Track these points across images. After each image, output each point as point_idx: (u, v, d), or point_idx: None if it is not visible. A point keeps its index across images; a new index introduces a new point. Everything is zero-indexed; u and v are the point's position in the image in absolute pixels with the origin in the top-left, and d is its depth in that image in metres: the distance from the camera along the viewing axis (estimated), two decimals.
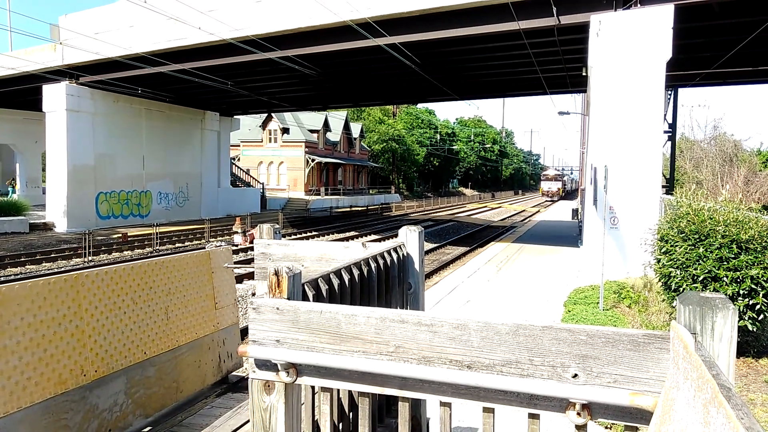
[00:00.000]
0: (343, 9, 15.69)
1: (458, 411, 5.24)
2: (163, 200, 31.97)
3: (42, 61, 24.77)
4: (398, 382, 1.92)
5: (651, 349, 1.60)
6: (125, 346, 3.50)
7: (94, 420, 3.22)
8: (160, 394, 3.77)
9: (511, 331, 1.73)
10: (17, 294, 2.84)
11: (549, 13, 13.67)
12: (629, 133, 12.39)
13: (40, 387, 2.91)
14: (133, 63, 21.74)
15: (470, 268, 15.64)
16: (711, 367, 1.23)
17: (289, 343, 1.98)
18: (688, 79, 20.93)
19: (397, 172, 74.22)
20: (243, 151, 54.69)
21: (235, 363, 4.66)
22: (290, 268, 2.07)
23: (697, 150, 37.48)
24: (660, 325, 8.97)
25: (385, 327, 1.88)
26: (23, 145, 37.13)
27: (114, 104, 27.88)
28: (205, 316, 4.31)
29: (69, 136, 25.76)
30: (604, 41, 12.58)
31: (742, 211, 7.60)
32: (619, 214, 12.35)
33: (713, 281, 6.92)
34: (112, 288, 3.45)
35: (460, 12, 14.85)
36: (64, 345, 3.08)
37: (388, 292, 3.27)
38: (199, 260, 4.32)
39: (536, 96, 28.92)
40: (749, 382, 6.59)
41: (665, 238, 7.85)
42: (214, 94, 28.84)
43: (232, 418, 3.68)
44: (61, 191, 25.98)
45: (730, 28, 15.17)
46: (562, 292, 11.89)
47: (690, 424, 1.20)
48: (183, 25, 19.01)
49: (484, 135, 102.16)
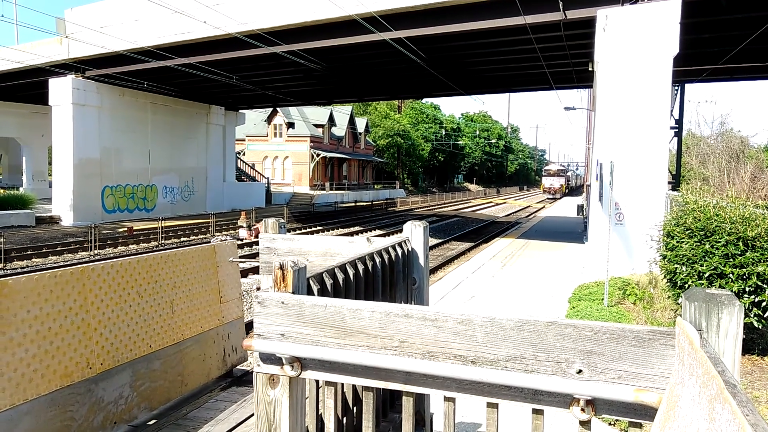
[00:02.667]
0: (348, 3, 15.65)
1: (462, 406, 5.25)
2: (169, 194, 32.05)
3: (48, 54, 24.83)
4: (402, 377, 1.92)
5: (656, 345, 1.59)
6: (131, 339, 3.51)
7: (99, 412, 3.24)
8: (165, 387, 3.78)
9: (515, 326, 1.73)
10: (24, 287, 2.86)
11: (555, 7, 13.61)
12: (635, 129, 12.34)
13: (47, 379, 2.93)
14: (139, 57, 21.77)
15: (475, 264, 15.63)
16: (716, 363, 1.22)
17: (294, 337, 1.98)
18: (695, 74, 20.82)
19: (402, 167, 74.15)
20: (248, 145, 54.72)
21: (240, 357, 4.68)
22: (295, 262, 2.07)
23: (703, 146, 37.27)
24: (665, 321, 8.95)
25: (389, 322, 1.88)
26: (29, 139, 37.28)
27: (120, 98, 27.93)
28: (210, 310, 4.33)
29: (75, 130, 25.84)
30: (610, 36, 12.52)
31: (748, 208, 7.57)
32: (625, 211, 12.32)
33: (719, 278, 6.90)
34: (117, 281, 3.46)
35: (466, 7, 14.81)
36: (70, 338, 3.09)
37: (393, 287, 3.27)
38: (205, 254, 4.33)
39: (542, 91, 28.81)
40: (754, 379, 6.57)
41: (671, 235, 7.82)
42: (220, 88, 28.86)
43: (236, 411, 3.69)
44: (67, 185, 26.08)
45: (738, 23, 15.07)
46: (567, 288, 11.87)
47: (695, 420, 1.20)
48: (188, 18, 19.01)
49: (489, 130, 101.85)
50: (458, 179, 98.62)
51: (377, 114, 69.45)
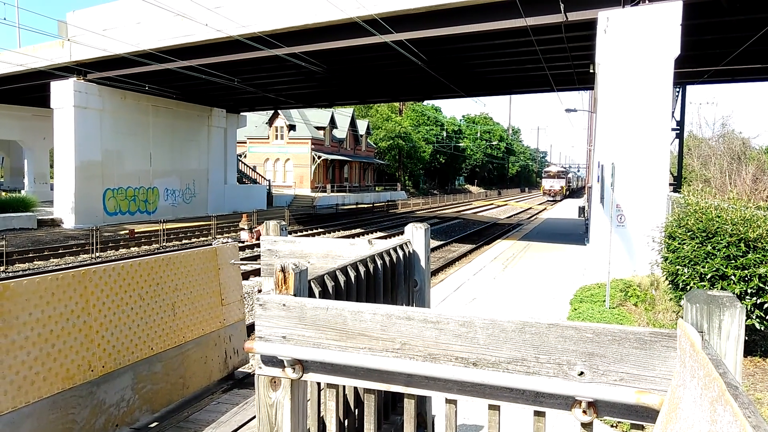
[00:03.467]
0: (349, 5, 15.67)
1: (464, 408, 5.24)
2: (170, 197, 32.08)
3: (50, 57, 24.88)
4: (404, 379, 1.92)
5: (657, 347, 1.59)
6: (132, 342, 3.52)
7: (101, 415, 3.24)
8: (167, 389, 3.79)
9: (516, 328, 1.73)
10: (25, 289, 2.86)
11: (556, 9, 13.61)
12: (637, 131, 12.33)
13: (48, 382, 2.93)
14: (141, 60, 21.80)
15: (476, 266, 15.62)
16: (718, 365, 1.22)
17: (296, 340, 1.98)
18: (697, 76, 20.80)
19: (404, 169, 74.13)
20: (249, 147, 54.76)
21: (241, 359, 4.68)
22: (296, 264, 2.07)
23: (704, 148, 37.23)
24: (667, 323, 8.93)
25: (391, 324, 1.88)
26: (31, 142, 37.34)
27: (121, 101, 27.98)
28: (212, 313, 4.33)
29: (77, 133, 25.87)
30: (611, 38, 12.52)
31: (749, 210, 7.56)
32: (626, 212, 12.30)
33: (721, 279, 6.89)
34: (119, 284, 3.46)
35: (467, 8, 14.81)
36: (72, 340, 3.09)
37: (394, 289, 3.27)
38: (206, 257, 4.33)
39: (543, 93, 28.80)
40: (756, 381, 6.56)
41: (673, 236, 7.82)
42: (221, 90, 28.90)
43: (238, 414, 3.69)
44: (68, 187, 26.11)
45: (739, 25, 15.05)
46: (569, 290, 11.86)
47: (697, 422, 1.20)
48: (190, 21, 19.05)
49: (490, 132, 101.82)
50: (459, 181, 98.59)
51: (378, 116, 69.48)
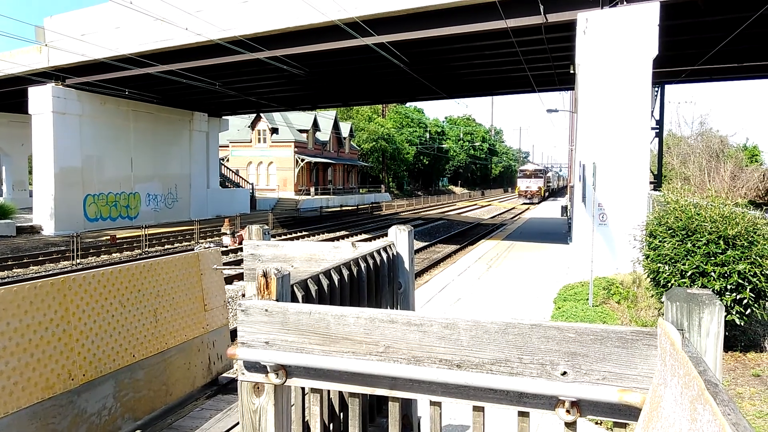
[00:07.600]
0: (330, 8, 15.65)
1: (449, 409, 5.25)
2: (152, 202, 31.76)
3: (27, 63, 24.50)
4: (388, 382, 1.92)
5: (639, 346, 1.60)
6: (114, 350, 3.47)
7: (82, 424, 3.19)
8: (150, 396, 3.74)
9: (500, 329, 1.73)
10: (3, 299, 2.81)
11: (536, 11, 13.72)
12: (617, 130, 12.47)
13: (28, 392, 2.88)
14: (120, 64, 21.57)
15: (460, 266, 15.67)
16: (698, 363, 1.23)
17: (279, 345, 1.97)
18: (675, 75, 21.09)
19: (387, 171, 74.23)
20: (232, 151, 54.46)
21: (225, 365, 4.64)
22: (279, 269, 2.06)
23: (684, 146, 37.78)
24: (649, 320, 9.03)
25: (374, 327, 1.87)
26: (9, 148, 36.73)
27: (101, 106, 27.65)
28: (195, 318, 4.29)
29: (56, 139, 25.51)
30: (591, 39, 12.65)
31: (728, 207, 7.67)
32: (608, 211, 12.43)
33: (701, 276, 6.98)
34: (100, 291, 3.42)
35: (448, 11, 14.87)
36: (52, 349, 3.05)
37: (378, 292, 3.27)
38: (188, 262, 4.29)
39: (525, 94, 29.07)
40: (737, 375, 6.65)
41: (653, 234, 7.90)
42: (203, 94, 28.70)
43: (221, 420, 3.66)
44: (48, 194, 25.73)
45: (715, 25, 15.28)
46: (552, 289, 11.94)
47: (677, 421, 1.21)
48: (170, 25, 18.88)
49: (473, 133, 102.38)
50: (443, 182, 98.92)
51: (360, 117, 69.51)
